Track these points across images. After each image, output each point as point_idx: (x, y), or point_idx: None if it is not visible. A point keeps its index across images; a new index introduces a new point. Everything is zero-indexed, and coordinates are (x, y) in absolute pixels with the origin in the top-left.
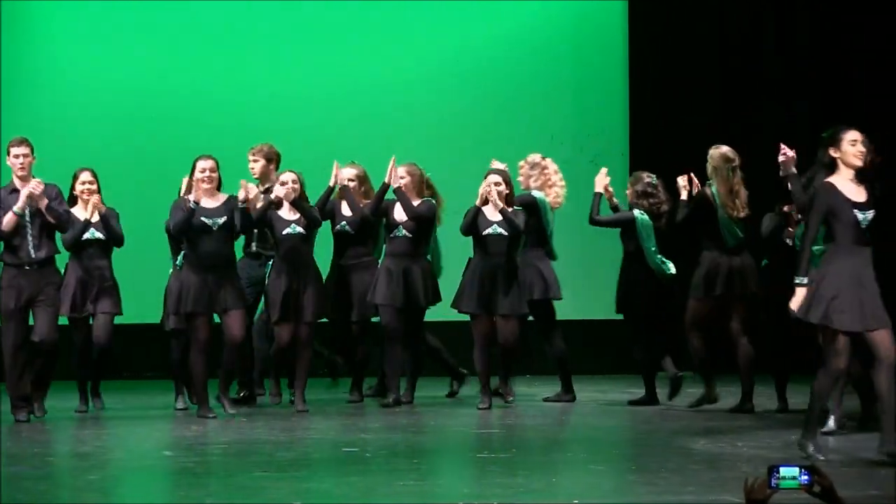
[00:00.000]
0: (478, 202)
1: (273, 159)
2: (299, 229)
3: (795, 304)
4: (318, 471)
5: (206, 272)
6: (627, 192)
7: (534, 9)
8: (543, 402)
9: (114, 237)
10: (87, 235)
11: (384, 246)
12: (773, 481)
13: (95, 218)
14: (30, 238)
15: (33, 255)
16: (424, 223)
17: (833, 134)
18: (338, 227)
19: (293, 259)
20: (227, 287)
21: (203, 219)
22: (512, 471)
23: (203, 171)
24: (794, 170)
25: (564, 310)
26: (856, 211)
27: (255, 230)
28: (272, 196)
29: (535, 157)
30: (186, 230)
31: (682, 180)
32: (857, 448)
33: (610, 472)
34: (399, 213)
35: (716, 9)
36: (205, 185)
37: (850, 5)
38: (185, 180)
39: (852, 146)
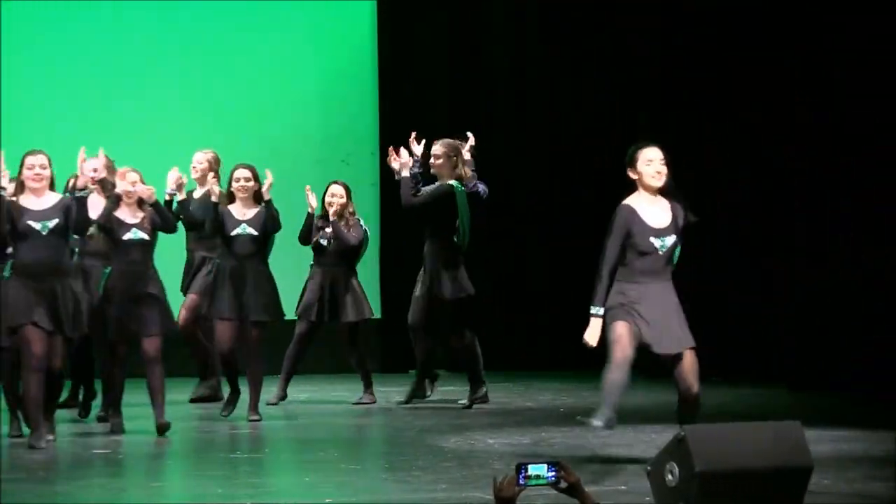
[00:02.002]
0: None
1: None
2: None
3: (591, 336)
4: (67, 474)
5: (36, 282)
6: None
7: (281, 6)
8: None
9: None
10: None
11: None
12: (521, 479)
13: None
14: None
15: None
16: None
17: (631, 153)
18: None
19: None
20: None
21: (30, 222)
22: (264, 471)
23: (31, 167)
24: (406, 172)
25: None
26: (652, 238)
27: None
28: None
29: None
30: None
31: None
32: (603, 444)
33: (362, 471)
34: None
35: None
36: (34, 185)
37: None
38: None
39: (647, 166)
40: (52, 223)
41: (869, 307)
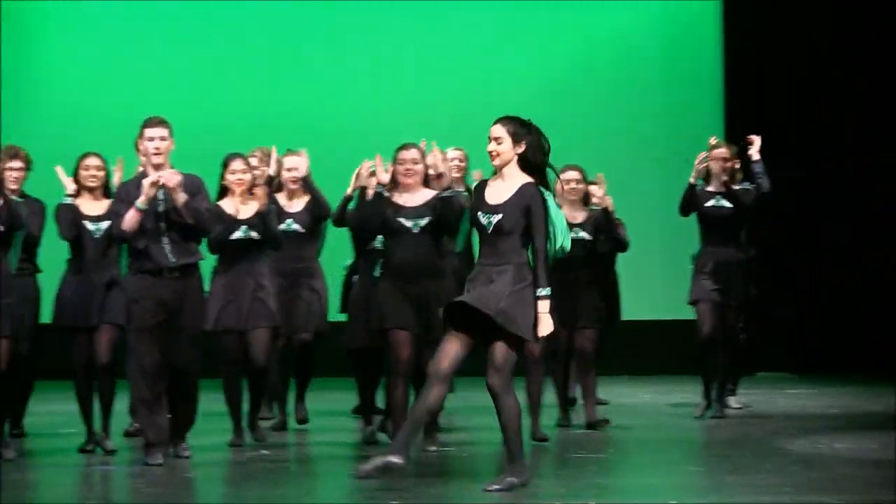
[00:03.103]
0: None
1: None
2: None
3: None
4: (412, 471)
5: (405, 282)
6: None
7: (624, 8)
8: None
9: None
10: (238, 235)
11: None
12: None
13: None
14: (165, 240)
15: (172, 260)
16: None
17: None
18: None
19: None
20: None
21: (402, 219)
22: (608, 471)
23: (402, 162)
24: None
25: (631, 310)
26: (480, 213)
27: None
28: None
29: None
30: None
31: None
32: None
33: (706, 473)
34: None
35: (819, 5)
36: (406, 180)
37: None
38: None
39: (489, 143)
40: (424, 221)
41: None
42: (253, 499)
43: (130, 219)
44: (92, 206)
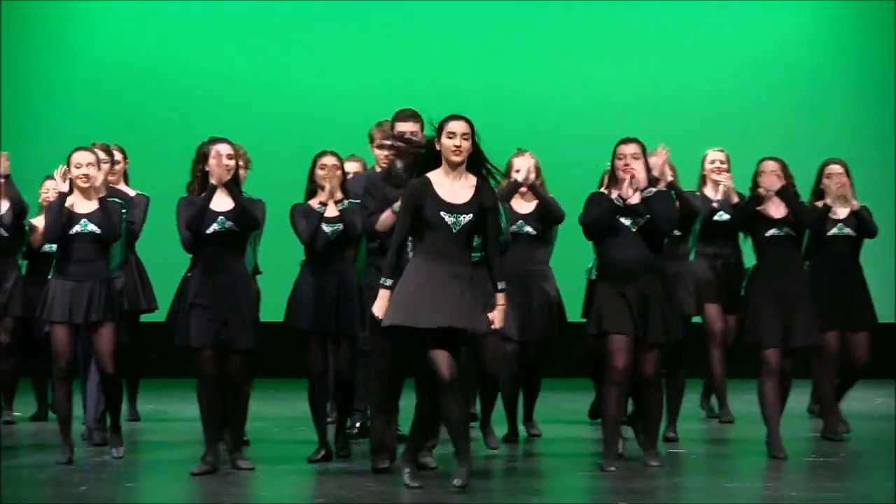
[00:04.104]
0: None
1: None
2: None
3: (377, 308)
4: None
5: (624, 284)
6: None
7: (846, 8)
8: None
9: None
10: None
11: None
12: None
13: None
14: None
15: None
16: None
17: (438, 124)
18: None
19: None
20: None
21: (620, 217)
22: (842, 475)
23: (622, 156)
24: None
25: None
26: (443, 213)
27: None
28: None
29: None
30: None
31: None
32: None
33: None
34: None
35: None
36: (626, 176)
37: None
38: None
39: (448, 139)
40: (643, 219)
41: None
42: (477, 499)
43: (386, 219)
44: (328, 207)
